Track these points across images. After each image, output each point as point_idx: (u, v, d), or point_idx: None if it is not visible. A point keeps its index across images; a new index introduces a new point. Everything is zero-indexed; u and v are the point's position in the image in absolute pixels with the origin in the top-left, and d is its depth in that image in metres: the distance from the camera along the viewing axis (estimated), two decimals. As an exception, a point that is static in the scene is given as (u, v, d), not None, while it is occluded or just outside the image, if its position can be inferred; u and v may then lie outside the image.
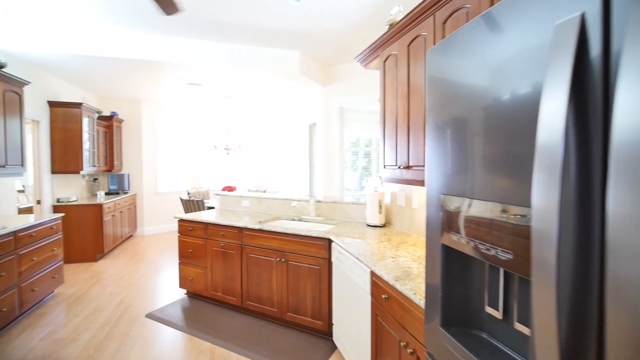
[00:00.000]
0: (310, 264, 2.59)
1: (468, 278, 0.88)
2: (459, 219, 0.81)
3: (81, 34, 3.75)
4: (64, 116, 4.76)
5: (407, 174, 1.96)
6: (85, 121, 5.00)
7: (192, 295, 3.50)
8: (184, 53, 4.10)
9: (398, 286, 1.43)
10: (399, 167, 2.03)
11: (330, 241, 2.49)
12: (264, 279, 2.86)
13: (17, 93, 3.34)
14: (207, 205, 5.52)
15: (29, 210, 6.02)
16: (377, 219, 2.75)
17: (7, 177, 3.45)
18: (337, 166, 5.17)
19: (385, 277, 1.55)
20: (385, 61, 2.29)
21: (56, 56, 3.91)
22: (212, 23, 3.59)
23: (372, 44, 2.39)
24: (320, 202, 3.26)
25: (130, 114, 6.59)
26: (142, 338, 2.69)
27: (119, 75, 4.79)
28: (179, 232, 3.44)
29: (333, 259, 2.40)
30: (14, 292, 2.83)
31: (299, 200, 3.36)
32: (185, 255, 3.40)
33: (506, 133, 0.68)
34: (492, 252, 0.71)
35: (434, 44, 1.69)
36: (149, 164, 6.79)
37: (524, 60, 0.65)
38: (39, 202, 4.52)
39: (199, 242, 3.28)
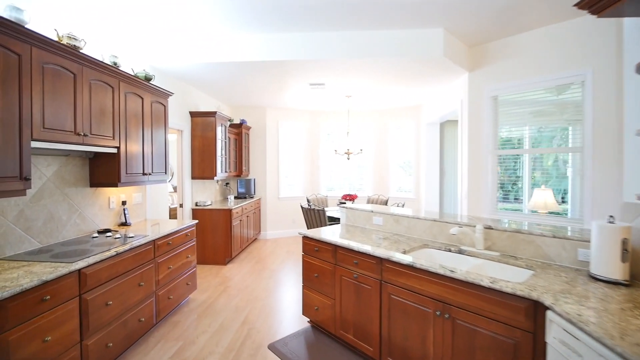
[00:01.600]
0: (495, 333, 1.67)
1: None
2: None
3: (212, 43, 3.78)
4: (202, 125, 5.05)
5: None
6: (219, 129, 5.21)
7: (316, 326, 2.99)
8: (307, 49, 3.70)
9: None
10: None
11: (536, 304, 1.52)
12: (413, 333, 2.08)
13: (162, 104, 3.48)
14: (327, 214, 5.09)
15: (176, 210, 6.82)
16: (617, 271, 1.62)
17: (152, 184, 3.63)
18: (490, 175, 3.97)
19: None
20: (679, -15, 1.20)
21: (193, 67, 4.05)
22: (336, 7, 3.04)
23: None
24: (491, 228, 2.27)
25: (256, 121, 6.80)
26: (264, 382, 2.26)
27: (247, 82, 4.79)
28: (303, 250, 2.99)
29: (550, 339, 1.43)
30: (152, 300, 2.82)
31: (460, 226, 2.43)
32: (310, 279, 2.91)
33: None
34: None
35: None
36: (272, 169, 6.88)
37: None
38: (181, 205, 4.87)
39: (327, 267, 2.73)
